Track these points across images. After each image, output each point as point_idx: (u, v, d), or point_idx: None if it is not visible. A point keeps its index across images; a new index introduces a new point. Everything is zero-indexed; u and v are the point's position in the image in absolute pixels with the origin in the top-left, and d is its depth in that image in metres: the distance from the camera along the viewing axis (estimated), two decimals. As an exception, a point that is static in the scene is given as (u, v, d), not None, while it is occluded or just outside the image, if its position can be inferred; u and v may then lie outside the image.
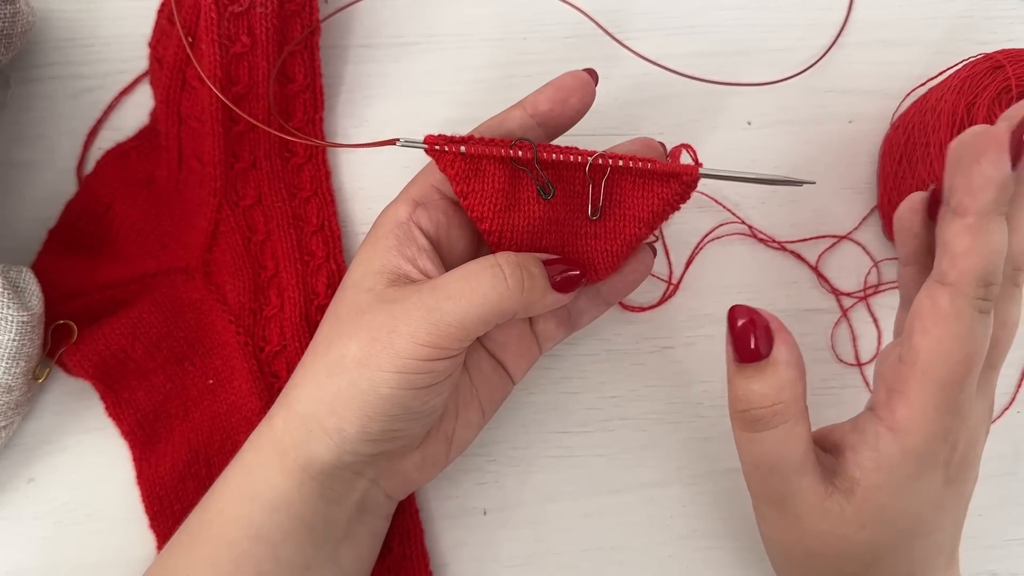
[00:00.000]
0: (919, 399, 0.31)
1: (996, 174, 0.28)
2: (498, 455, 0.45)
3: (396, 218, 0.37)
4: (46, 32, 0.48)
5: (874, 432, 0.32)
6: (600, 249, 0.38)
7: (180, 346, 0.44)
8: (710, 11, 0.51)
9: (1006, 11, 0.52)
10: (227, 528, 0.35)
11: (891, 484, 0.31)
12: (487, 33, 0.50)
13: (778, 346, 0.32)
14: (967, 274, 0.29)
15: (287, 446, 0.35)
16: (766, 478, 0.33)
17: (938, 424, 0.30)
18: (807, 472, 0.32)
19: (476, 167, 0.36)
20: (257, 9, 0.42)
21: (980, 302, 0.29)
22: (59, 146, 0.47)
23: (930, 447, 0.31)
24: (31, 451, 0.43)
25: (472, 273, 0.34)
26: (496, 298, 0.33)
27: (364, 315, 0.35)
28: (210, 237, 0.45)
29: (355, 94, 0.49)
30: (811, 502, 0.32)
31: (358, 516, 0.37)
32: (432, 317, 0.33)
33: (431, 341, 0.33)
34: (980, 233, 0.29)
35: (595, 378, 0.46)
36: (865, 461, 0.32)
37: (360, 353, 0.34)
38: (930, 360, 0.30)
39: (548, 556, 0.44)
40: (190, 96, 0.44)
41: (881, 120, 0.50)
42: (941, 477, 0.32)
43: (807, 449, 0.32)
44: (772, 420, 0.31)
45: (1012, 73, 0.40)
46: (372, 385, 0.33)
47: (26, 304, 0.39)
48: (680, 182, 0.36)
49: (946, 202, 0.30)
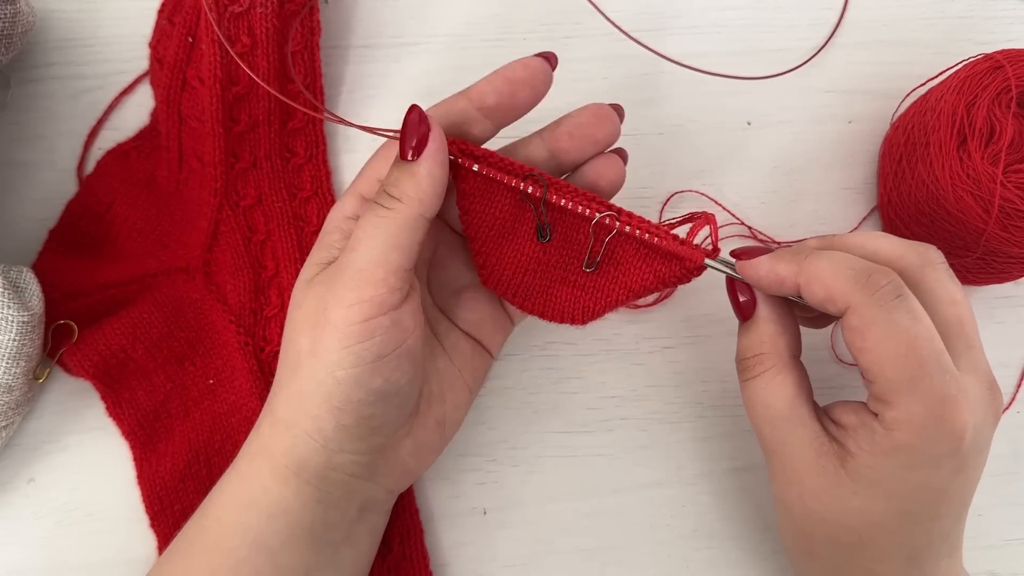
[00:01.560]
0: (899, 404, 0.31)
1: (765, 262, 0.34)
2: (498, 455, 0.45)
3: (342, 213, 0.37)
4: (46, 32, 0.48)
5: (871, 424, 0.33)
6: (581, 302, 0.37)
7: (180, 346, 0.44)
8: (710, 11, 0.51)
9: (1006, 11, 0.52)
10: (225, 535, 0.35)
11: (886, 468, 0.32)
12: (487, 34, 0.50)
13: (760, 307, 0.35)
14: (843, 290, 0.32)
15: (276, 453, 0.35)
16: (762, 428, 0.35)
17: (928, 419, 0.31)
18: (799, 423, 0.34)
19: (484, 188, 0.36)
20: (257, 9, 0.42)
21: (880, 298, 0.31)
22: (59, 146, 0.47)
23: (926, 442, 0.31)
24: (31, 451, 0.43)
25: (360, 221, 0.34)
26: (383, 221, 0.33)
27: (300, 307, 0.35)
28: (210, 237, 0.45)
29: (355, 94, 0.49)
30: (807, 455, 0.34)
31: (359, 517, 0.37)
32: (347, 273, 0.33)
33: (356, 296, 0.32)
34: (810, 270, 0.33)
35: (595, 378, 0.46)
36: (862, 443, 0.33)
37: (309, 343, 0.34)
38: (884, 371, 0.31)
39: (548, 556, 0.44)
40: (190, 96, 0.44)
41: (881, 120, 0.50)
42: (949, 466, 0.32)
43: (795, 398, 0.34)
44: (755, 368, 0.35)
45: (1012, 73, 0.40)
46: (328, 372, 0.33)
47: (26, 304, 0.39)
48: (682, 267, 0.34)
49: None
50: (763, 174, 0.49)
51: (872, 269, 0.32)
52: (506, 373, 0.46)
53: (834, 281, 0.32)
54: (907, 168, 0.45)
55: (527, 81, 0.36)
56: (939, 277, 0.33)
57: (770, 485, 0.37)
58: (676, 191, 0.48)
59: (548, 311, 0.38)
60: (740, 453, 0.46)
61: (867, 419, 0.33)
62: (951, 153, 0.41)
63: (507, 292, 0.38)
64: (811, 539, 0.35)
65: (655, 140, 0.49)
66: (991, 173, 0.39)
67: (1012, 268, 0.43)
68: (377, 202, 0.34)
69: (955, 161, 0.40)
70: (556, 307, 0.37)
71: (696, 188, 0.49)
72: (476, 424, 0.45)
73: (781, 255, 0.34)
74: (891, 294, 0.31)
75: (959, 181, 0.40)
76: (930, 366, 0.31)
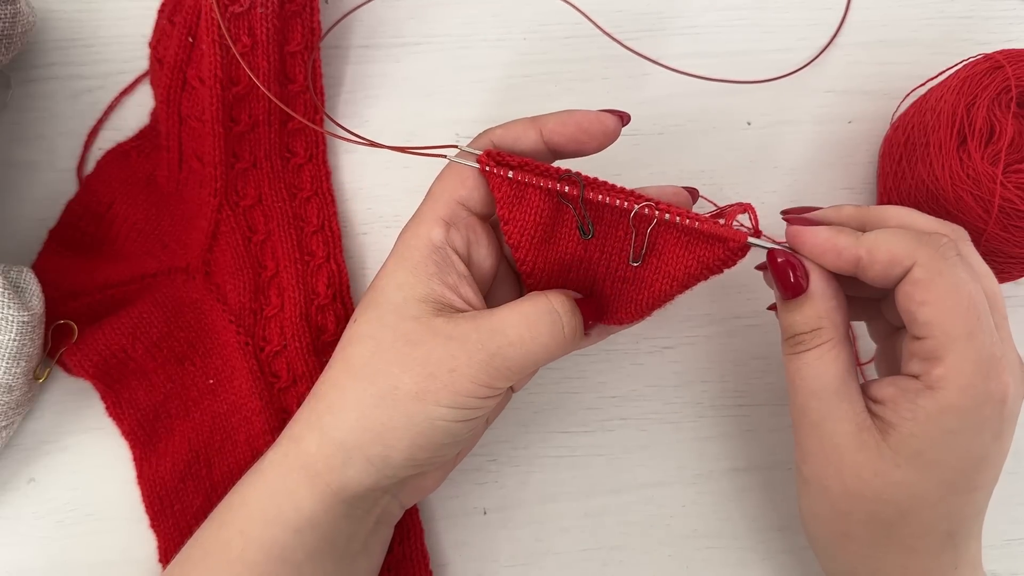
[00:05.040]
0: (953, 359, 0.31)
1: (822, 232, 0.35)
2: (498, 455, 0.45)
3: (431, 242, 0.36)
4: (46, 32, 0.48)
5: (914, 388, 0.33)
6: (628, 296, 0.37)
7: (180, 346, 0.44)
8: (710, 12, 0.51)
9: (1006, 11, 0.52)
10: (249, 549, 0.34)
11: (929, 435, 0.32)
12: (487, 34, 0.50)
13: (815, 280, 0.35)
14: (909, 250, 0.32)
15: (320, 471, 0.35)
16: (808, 402, 0.35)
17: (976, 377, 0.31)
18: (846, 398, 0.34)
19: (521, 194, 0.35)
20: (257, 10, 0.42)
21: (945, 256, 0.32)
22: (59, 146, 0.47)
23: (972, 401, 0.31)
24: (31, 451, 0.43)
25: (531, 318, 0.35)
26: (555, 346, 0.35)
27: (417, 347, 0.34)
28: (210, 237, 0.45)
29: (356, 94, 0.49)
30: (849, 430, 0.34)
31: (375, 529, 0.37)
32: (495, 362, 0.34)
33: (490, 382, 0.34)
34: (872, 241, 0.33)
35: (595, 378, 0.46)
36: (904, 411, 0.33)
37: (416, 388, 0.34)
38: (944, 323, 0.32)
39: (548, 556, 0.44)
40: (190, 96, 0.44)
41: (881, 120, 0.50)
42: (989, 433, 0.32)
43: (846, 373, 0.34)
44: (812, 340, 0.35)
45: (1012, 73, 0.40)
46: (429, 419, 0.34)
47: (27, 304, 0.39)
48: (726, 248, 0.34)
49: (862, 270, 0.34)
50: (763, 174, 0.49)
51: (932, 230, 0.34)
52: (506, 373, 0.46)
53: (899, 242, 0.33)
54: (907, 168, 0.45)
55: (596, 135, 0.36)
56: (972, 252, 0.34)
57: (800, 467, 0.36)
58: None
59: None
60: (740, 453, 0.46)
61: (908, 386, 0.33)
62: (951, 153, 0.41)
63: None
64: (848, 519, 0.35)
65: (655, 140, 0.49)
66: (991, 173, 0.39)
67: (1012, 268, 0.43)
68: (562, 319, 0.35)
69: (955, 161, 0.40)
70: (604, 306, 0.38)
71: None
72: (476, 424, 0.45)
73: (839, 228, 0.35)
74: (953, 251, 0.32)
75: (959, 181, 0.40)
76: (985, 323, 0.31)
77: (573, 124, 0.36)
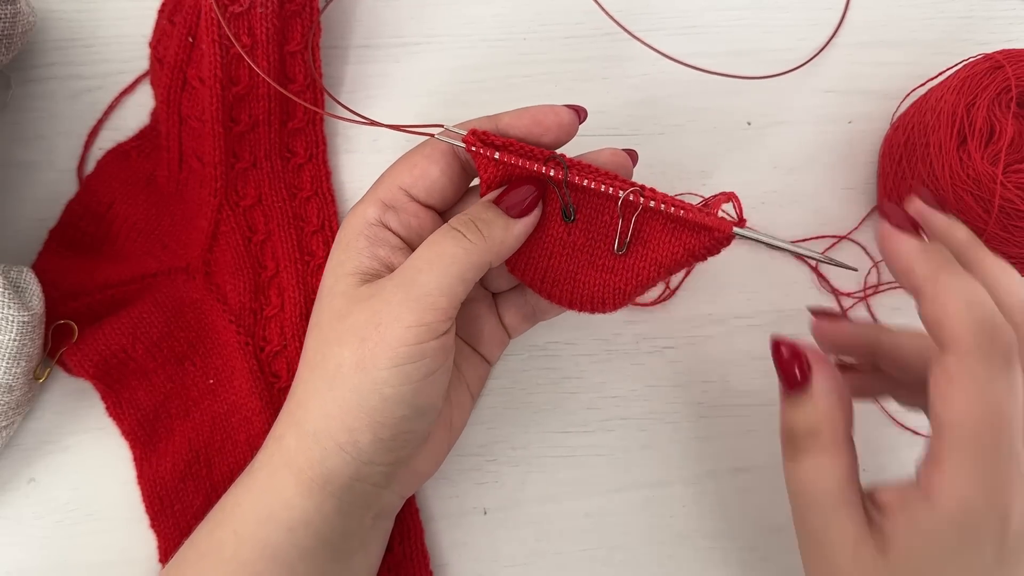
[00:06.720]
0: (951, 467, 0.29)
1: (908, 247, 0.32)
2: (498, 455, 0.45)
3: (365, 219, 0.36)
4: (46, 32, 0.48)
5: (912, 498, 0.30)
6: (611, 285, 0.37)
7: (180, 346, 0.44)
8: (710, 11, 0.51)
9: (1006, 11, 0.52)
10: (242, 548, 0.34)
11: (927, 553, 0.30)
12: (487, 33, 0.50)
13: (816, 377, 0.33)
14: (959, 332, 0.29)
15: (302, 466, 0.35)
16: (806, 511, 0.33)
17: (976, 492, 0.29)
18: (845, 509, 0.31)
19: (507, 175, 0.36)
20: (257, 9, 0.42)
21: (991, 357, 0.29)
22: (59, 146, 0.47)
23: (970, 518, 0.29)
24: (32, 451, 0.43)
25: (433, 241, 0.34)
26: (463, 253, 0.34)
27: (346, 319, 0.34)
28: (210, 237, 0.45)
29: (356, 94, 0.49)
30: (845, 543, 0.31)
31: (373, 525, 0.37)
32: (411, 294, 0.33)
33: (416, 319, 0.33)
34: (941, 291, 0.30)
35: (595, 378, 0.46)
36: (901, 524, 0.30)
37: (354, 357, 0.33)
38: (955, 427, 0.29)
39: (548, 556, 0.44)
40: (191, 96, 0.44)
41: (881, 120, 0.50)
42: (990, 553, 0.29)
43: (845, 483, 0.32)
44: (810, 445, 0.32)
45: (1012, 73, 0.40)
46: (375, 387, 0.33)
47: (27, 304, 0.39)
48: (711, 237, 0.34)
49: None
50: (763, 174, 0.49)
51: (998, 321, 0.29)
52: (506, 373, 0.46)
53: (956, 316, 0.29)
54: (907, 168, 0.45)
55: (552, 128, 0.36)
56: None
57: (804, 570, 0.35)
58: (676, 192, 0.48)
59: (577, 298, 0.38)
60: (740, 453, 0.46)
61: (908, 494, 0.31)
62: (951, 153, 0.41)
63: (534, 279, 0.38)
64: None
65: (655, 140, 0.49)
66: (991, 173, 0.39)
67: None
68: (459, 230, 0.34)
69: (955, 161, 0.40)
70: (585, 293, 0.37)
71: (696, 188, 0.49)
72: (476, 424, 0.45)
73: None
74: (1004, 357, 0.29)
75: (959, 181, 0.40)
76: (1003, 444, 0.28)
77: (528, 117, 0.36)
